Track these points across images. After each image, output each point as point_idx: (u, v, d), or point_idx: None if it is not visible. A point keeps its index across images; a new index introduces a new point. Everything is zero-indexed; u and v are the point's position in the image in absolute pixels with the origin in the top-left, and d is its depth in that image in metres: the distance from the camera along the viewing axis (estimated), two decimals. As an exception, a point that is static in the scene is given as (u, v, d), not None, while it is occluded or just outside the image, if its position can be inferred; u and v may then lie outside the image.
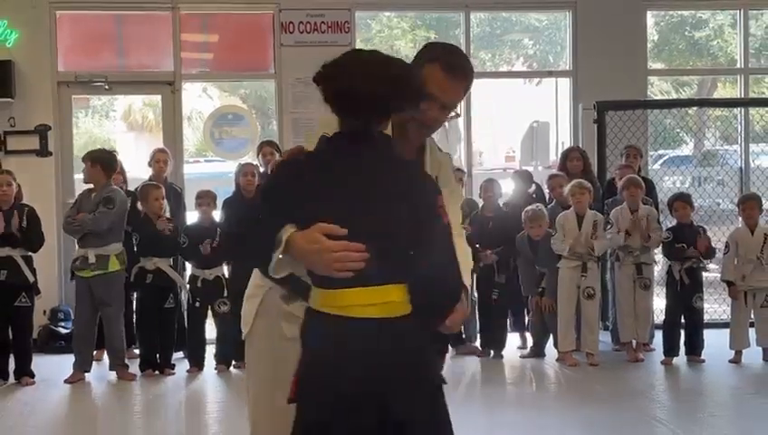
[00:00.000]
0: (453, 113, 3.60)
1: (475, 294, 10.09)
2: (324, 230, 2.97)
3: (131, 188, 10.11)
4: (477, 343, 10.15)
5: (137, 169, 10.57)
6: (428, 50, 3.66)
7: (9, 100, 11.12)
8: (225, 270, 9.67)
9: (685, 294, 9.64)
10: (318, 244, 2.97)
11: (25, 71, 11.26)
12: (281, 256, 3.05)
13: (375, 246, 2.96)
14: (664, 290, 9.97)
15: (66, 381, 9.12)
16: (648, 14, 12.35)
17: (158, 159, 10.54)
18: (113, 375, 9.27)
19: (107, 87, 11.82)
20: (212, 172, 11.56)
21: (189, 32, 11.80)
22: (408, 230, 2.97)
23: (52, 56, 11.46)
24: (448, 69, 3.47)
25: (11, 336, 9.18)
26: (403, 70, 3.13)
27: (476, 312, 10.14)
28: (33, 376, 9.15)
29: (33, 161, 11.04)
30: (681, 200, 9.85)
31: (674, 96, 13.21)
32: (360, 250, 2.94)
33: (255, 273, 3.56)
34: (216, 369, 9.41)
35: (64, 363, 9.41)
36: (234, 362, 9.33)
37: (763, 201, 10.01)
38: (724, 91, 13.38)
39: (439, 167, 3.60)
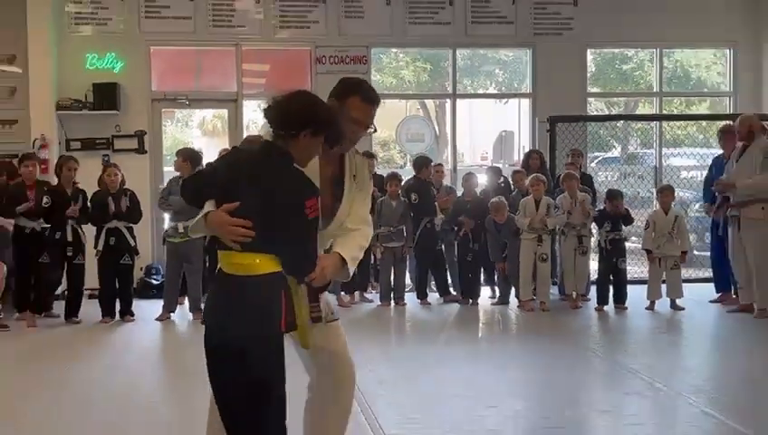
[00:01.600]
0: (371, 129, 3.63)
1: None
2: (226, 209, 3.17)
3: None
4: (460, 294, 10.24)
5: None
6: (347, 85, 3.62)
7: (116, 112, 11.20)
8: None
9: (611, 258, 9.71)
10: (221, 220, 3.17)
11: (128, 90, 11.33)
12: (197, 223, 3.33)
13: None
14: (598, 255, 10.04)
15: (157, 319, 9.23)
16: (588, 51, 12.36)
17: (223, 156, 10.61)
18: (191, 316, 9.37)
19: (187, 103, 11.89)
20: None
21: (248, 62, 11.83)
22: (264, 218, 3.12)
23: (147, 80, 11.52)
24: (366, 99, 3.53)
25: (117, 286, 9.30)
26: (322, 110, 3.26)
27: (458, 271, 10.29)
28: (132, 315, 9.28)
29: (133, 157, 11.11)
30: (616, 197, 9.85)
31: (606, 112, 13.21)
32: (247, 226, 3.12)
33: None
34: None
35: (155, 307, 9.51)
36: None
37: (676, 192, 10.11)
38: (643, 109, 13.38)
39: (356, 168, 3.62)
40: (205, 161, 10.12)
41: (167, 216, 9.80)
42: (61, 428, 5.40)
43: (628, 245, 10.09)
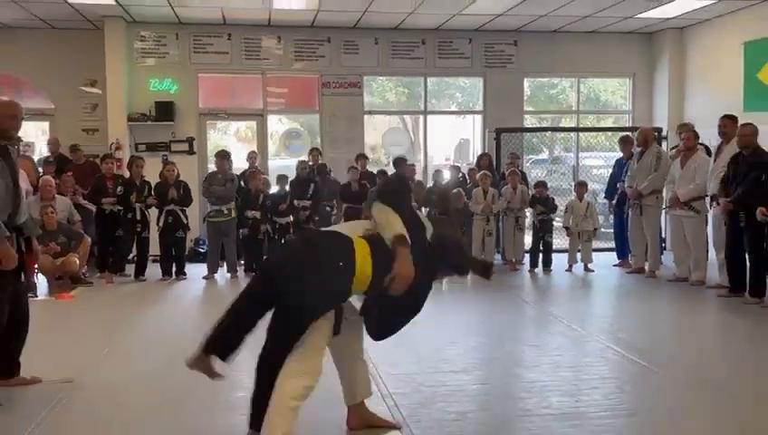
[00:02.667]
0: None
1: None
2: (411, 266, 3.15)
3: (232, 172, 10.14)
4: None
5: (240, 163, 10.60)
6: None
7: (172, 123, 11.19)
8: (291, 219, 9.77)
9: (540, 233, 9.78)
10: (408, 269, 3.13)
11: (181, 107, 11.31)
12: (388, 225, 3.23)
13: None
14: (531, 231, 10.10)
15: (203, 278, 9.24)
16: (525, 79, 12.38)
17: (252, 157, 10.62)
18: (228, 276, 9.39)
19: (225, 116, 11.86)
20: (283, 165, 11.60)
21: (271, 86, 11.79)
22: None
23: (196, 98, 11.48)
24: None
25: (173, 253, 9.28)
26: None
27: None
28: (185, 275, 9.29)
29: (184, 157, 11.08)
30: (542, 186, 9.97)
31: (538, 126, 13.25)
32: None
33: None
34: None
35: (202, 269, 9.52)
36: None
37: (588, 184, 10.17)
38: (565, 122, 13.43)
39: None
40: (235, 160, 10.20)
41: (208, 201, 9.77)
42: (132, 357, 5.43)
43: (554, 223, 10.14)
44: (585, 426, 3.83)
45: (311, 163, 10.42)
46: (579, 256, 9.74)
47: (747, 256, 7.34)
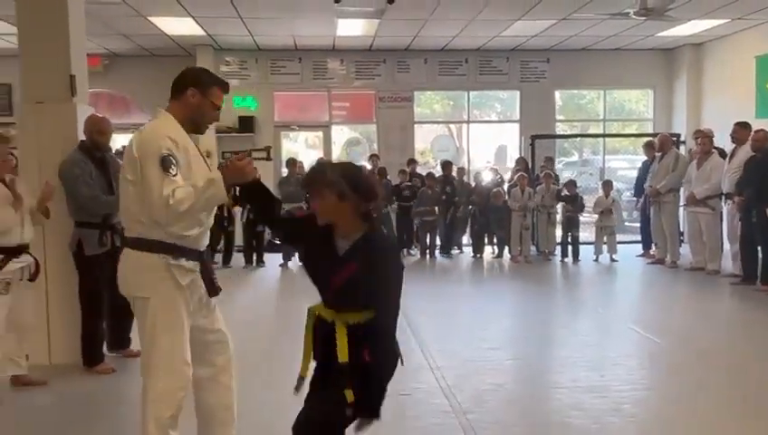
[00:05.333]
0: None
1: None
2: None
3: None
4: (471, 251, 10.20)
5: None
6: (207, 76, 2.77)
7: (252, 134, 11.35)
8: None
9: (568, 228, 9.62)
10: None
11: (260, 120, 11.48)
12: None
13: None
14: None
15: (279, 265, 9.35)
16: (556, 92, 12.17)
17: (321, 162, 10.71)
18: (300, 263, 9.48)
19: (296, 128, 12.00)
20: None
21: (335, 102, 11.88)
22: None
23: (272, 113, 11.64)
24: (225, 89, 2.77)
25: (254, 244, 9.44)
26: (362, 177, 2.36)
27: (470, 235, 10.27)
28: (264, 263, 9.42)
29: (263, 163, 11.07)
30: (572, 184, 9.81)
31: (568, 132, 13.02)
32: None
33: (142, 264, 2.65)
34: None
35: (278, 258, 9.58)
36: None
37: (613, 184, 9.96)
38: (593, 129, 13.14)
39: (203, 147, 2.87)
40: (306, 165, 10.32)
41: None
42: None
43: (581, 218, 9.93)
44: (609, 398, 3.80)
45: (370, 167, 10.49)
46: (605, 247, 9.55)
47: (759, 249, 7.11)
